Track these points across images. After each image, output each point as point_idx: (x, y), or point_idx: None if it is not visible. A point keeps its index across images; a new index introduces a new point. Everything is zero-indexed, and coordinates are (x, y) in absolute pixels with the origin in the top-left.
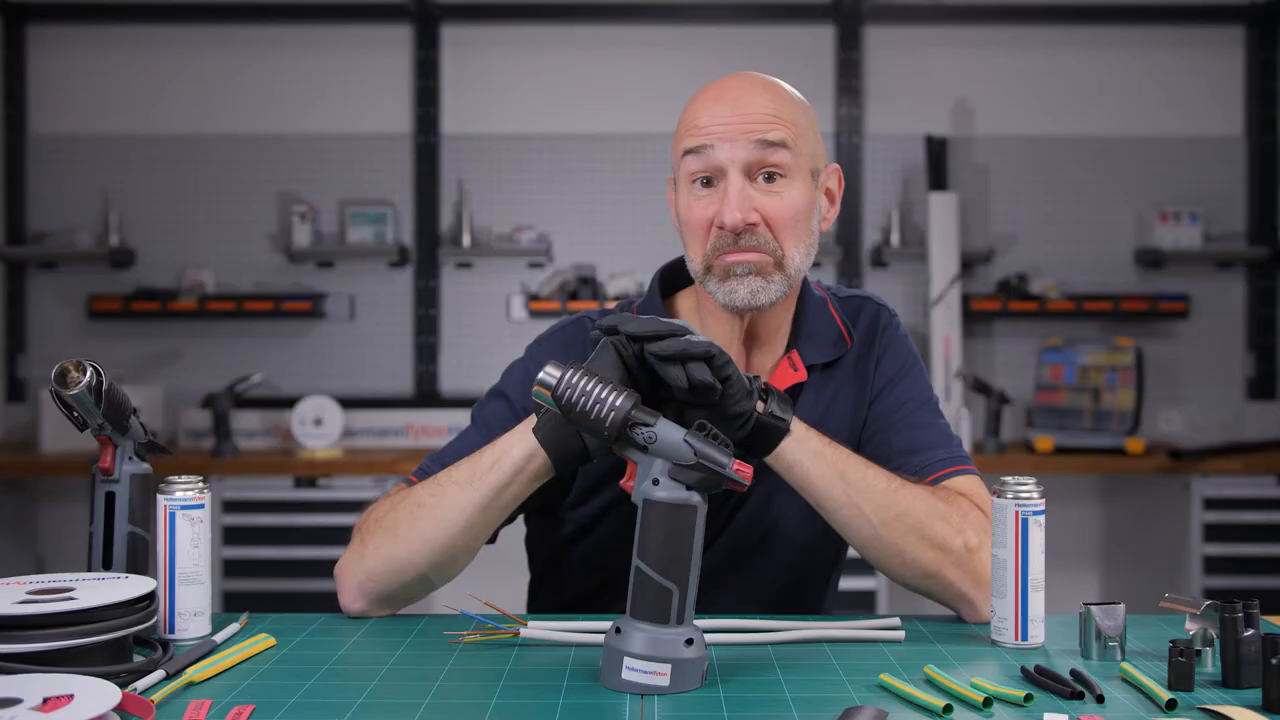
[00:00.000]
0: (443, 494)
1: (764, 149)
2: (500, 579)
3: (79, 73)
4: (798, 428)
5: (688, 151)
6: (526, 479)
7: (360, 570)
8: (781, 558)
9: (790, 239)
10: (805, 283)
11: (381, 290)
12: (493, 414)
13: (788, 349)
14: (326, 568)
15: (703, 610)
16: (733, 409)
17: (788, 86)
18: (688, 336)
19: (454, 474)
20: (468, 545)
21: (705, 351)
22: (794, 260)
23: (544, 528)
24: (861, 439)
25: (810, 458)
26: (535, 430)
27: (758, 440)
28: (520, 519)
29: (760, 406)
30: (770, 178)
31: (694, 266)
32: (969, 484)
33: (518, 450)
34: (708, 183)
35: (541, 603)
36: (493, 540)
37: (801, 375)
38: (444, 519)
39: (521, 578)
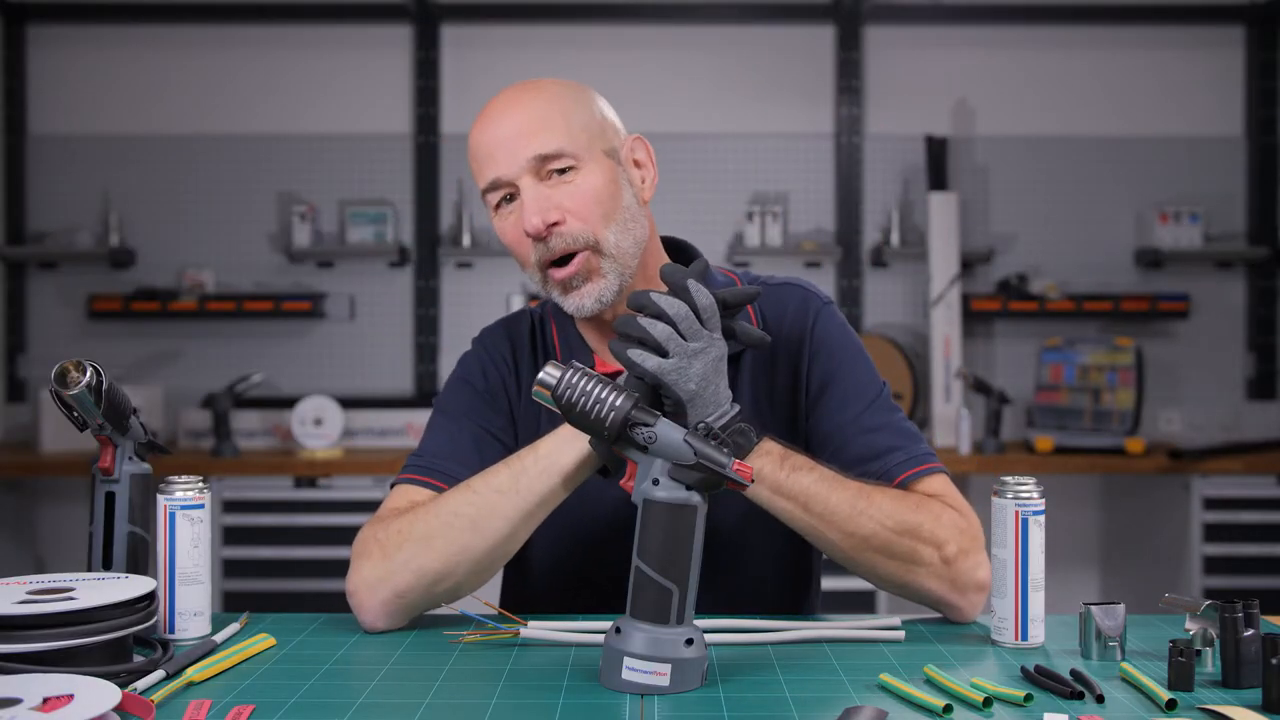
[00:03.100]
0: (483, 502)
1: (541, 160)
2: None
3: (79, 73)
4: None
5: (485, 190)
6: (573, 485)
7: (386, 588)
8: (748, 567)
9: (598, 222)
10: None
11: (381, 290)
12: (464, 403)
13: None
14: (326, 568)
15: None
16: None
17: (552, 82)
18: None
19: (492, 480)
20: (507, 552)
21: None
22: (611, 241)
23: None
24: (812, 447)
25: (767, 496)
26: (591, 442)
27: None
28: None
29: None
30: (563, 172)
31: (534, 279)
32: (936, 484)
33: (568, 458)
34: (511, 199)
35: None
36: None
37: None
38: (487, 527)
39: None
